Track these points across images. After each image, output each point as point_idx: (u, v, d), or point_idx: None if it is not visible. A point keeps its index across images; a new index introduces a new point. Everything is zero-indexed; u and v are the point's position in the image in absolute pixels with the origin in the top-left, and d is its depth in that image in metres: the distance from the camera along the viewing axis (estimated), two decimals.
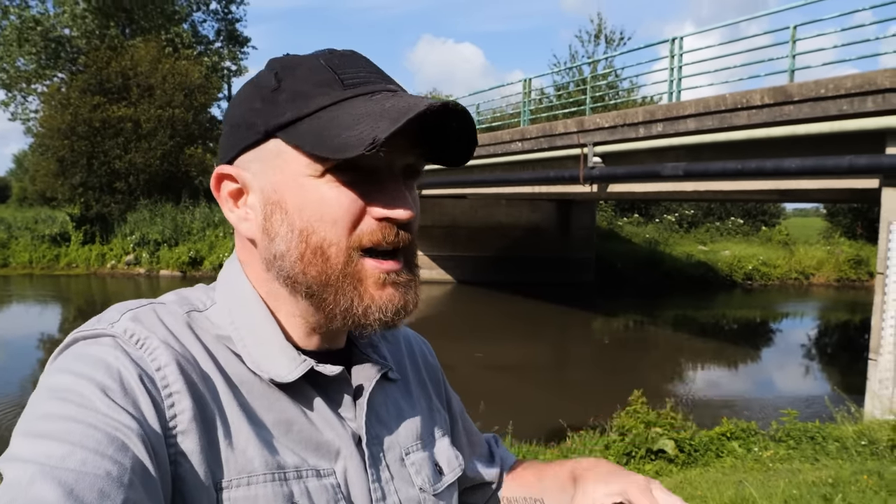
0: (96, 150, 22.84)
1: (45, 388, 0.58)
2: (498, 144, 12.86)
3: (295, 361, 0.67)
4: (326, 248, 0.65)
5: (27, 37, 25.16)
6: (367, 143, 0.59)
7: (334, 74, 0.65)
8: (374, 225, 0.66)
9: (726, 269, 22.87)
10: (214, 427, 0.61)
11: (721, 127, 7.97)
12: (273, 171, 0.66)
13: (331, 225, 0.65)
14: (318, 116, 0.63)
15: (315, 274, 0.66)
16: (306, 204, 0.65)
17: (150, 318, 0.64)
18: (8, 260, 22.83)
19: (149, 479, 0.54)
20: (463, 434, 0.93)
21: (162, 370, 0.60)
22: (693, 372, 11.67)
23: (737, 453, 5.29)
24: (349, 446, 0.69)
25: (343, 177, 0.64)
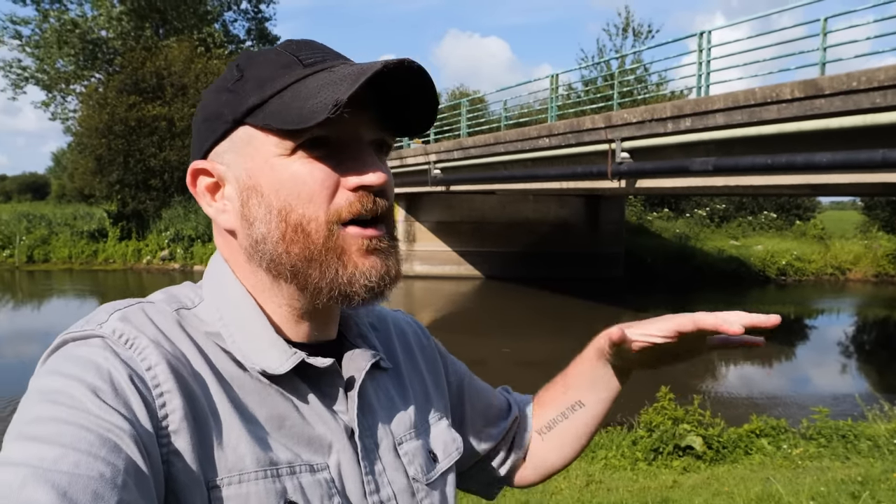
0: (132, 148, 23.34)
1: (35, 390, 0.57)
2: (525, 140, 12.85)
3: (286, 354, 0.67)
4: (306, 224, 0.66)
5: (66, 39, 25.76)
6: (329, 106, 0.60)
7: (293, 57, 0.67)
8: (351, 196, 0.66)
9: (759, 264, 22.52)
10: (206, 425, 0.61)
11: (751, 121, 7.88)
12: (245, 158, 0.67)
13: (307, 201, 0.65)
14: (281, 95, 0.65)
15: (298, 251, 0.66)
16: (281, 183, 0.65)
17: (138, 317, 0.64)
18: (49, 255, 23.50)
19: (142, 479, 0.54)
20: (468, 405, 0.94)
21: (152, 369, 0.60)
22: (723, 369, 11.56)
23: (766, 450, 5.27)
24: (342, 439, 0.69)
25: (313, 152, 0.65)
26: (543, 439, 0.98)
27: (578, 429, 0.94)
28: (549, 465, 0.99)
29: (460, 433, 0.88)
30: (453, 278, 19.96)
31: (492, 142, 14.15)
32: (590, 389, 0.92)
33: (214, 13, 29.19)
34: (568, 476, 4.83)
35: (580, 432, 0.95)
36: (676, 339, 0.79)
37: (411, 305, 17.38)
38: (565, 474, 4.90)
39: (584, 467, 5.05)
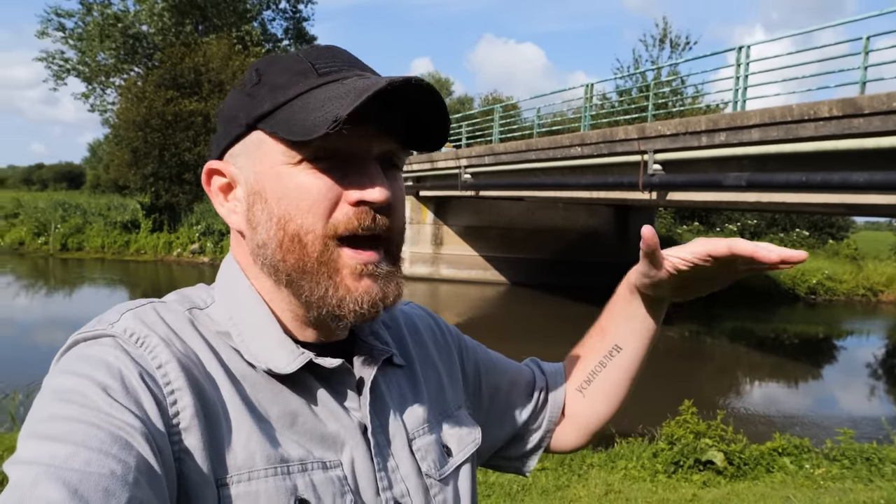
0: (168, 142, 23.79)
1: (48, 389, 0.58)
2: (557, 148, 12.86)
3: (293, 354, 0.68)
4: (303, 235, 0.66)
5: (108, 33, 26.35)
6: (329, 121, 0.60)
7: (309, 65, 0.67)
8: (350, 211, 0.66)
9: (789, 282, 22.19)
10: (217, 423, 0.62)
11: (787, 138, 7.81)
12: (255, 162, 0.68)
13: (307, 212, 0.65)
14: (292, 104, 0.65)
15: (293, 261, 0.67)
16: (284, 192, 0.66)
17: (150, 316, 0.65)
18: (82, 244, 24.01)
19: (154, 476, 0.54)
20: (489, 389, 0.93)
21: (163, 367, 0.61)
22: (748, 385, 11.44)
23: (787, 469, 5.23)
24: (354, 436, 0.69)
25: (319, 164, 0.66)
26: (585, 395, 0.96)
27: (619, 375, 0.93)
28: (592, 422, 0.97)
29: (483, 419, 0.89)
30: (479, 283, 19.99)
31: (523, 148, 14.18)
32: (626, 328, 0.91)
33: (253, 12, 29.66)
34: (587, 484, 4.85)
35: (621, 378, 0.93)
36: (709, 262, 0.79)
37: (436, 308, 17.44)
38: (584, 482, 4.92)
39: (604, 476, 5.06)
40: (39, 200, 28.36)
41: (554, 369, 1.02)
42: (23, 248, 24.16)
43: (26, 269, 20.86)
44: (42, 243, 24.08)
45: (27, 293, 16.93)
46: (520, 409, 0.96)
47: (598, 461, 5.40)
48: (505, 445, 0.97)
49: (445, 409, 0.83)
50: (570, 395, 0.98)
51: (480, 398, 0.92)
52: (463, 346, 0.93)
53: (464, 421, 0.84)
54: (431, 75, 48.44)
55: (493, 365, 0.96)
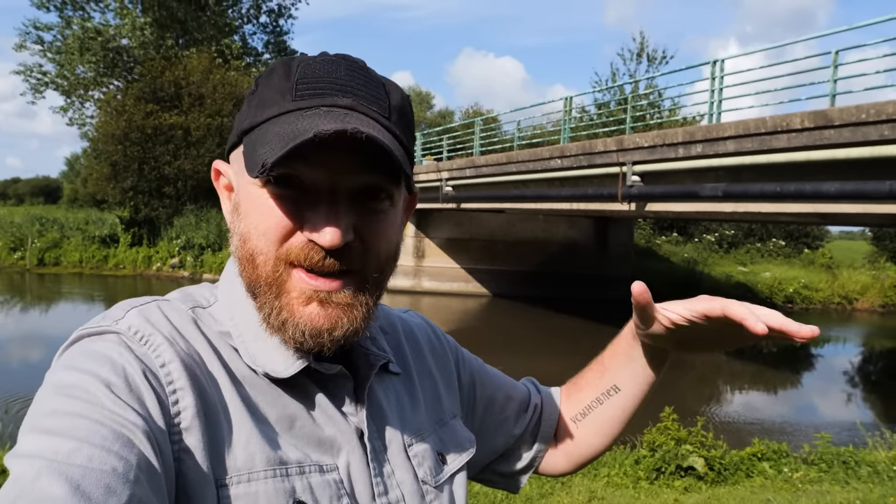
0: (147, 155, 23.62)
1: (50, 384, 0.58)
2: (537, 161, 12.99)
3: (291, 358, 0.68)
4: (256, 255, 0.65)
5: (88, 46, 26.17)
6: (258, 167, 0.60)
7: (292, 84, 0.65)
8: (303, 242, 0.64)
9: (766, 291, 22.51)
10: (217, 423, 0.62)
11: (761, 149, 7.99)
12: (240, 173, 0.68)
13: (260, 235, 0.65)
14: (263, 127, 0.64)
15: (247, 278, 0.67)
16: (248, 211, 0.66)
17: (154, 314, 0.66)
18: (60, 259, 23.69)
19: (154, 475, 0.54)
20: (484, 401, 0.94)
21: (166, 366, 0.61)
22: (728, 393, 11.59)
23: (767, 473, 5.33)
24: (351, 441, 0.70)
25: (280, 191, 0.64)
26: (578, 426, 0.97)
27: (614, 415, 0.93)
28: (584, 452, 0.98)
29: (477, 430, 0.89)
30: (461, 295, 20.04)
31: (504, 161, 14.29)
32: (626, 371, 0.91)
33: (233, 26, 29.64)
34: (570, 492, 4.90)
35: (616, 418, 0.94)
36: (704, 321, 0.77)
37: None
38: (567, 490, 4.97)
39: (587, 484, 5.12)
40: (15, 215, 27.98)
41: (549, 391, 1.02)
42: None
43: (2, 284, 20.55)
44: (18, 258, 23.74)
45: (1, 309, 16.68)
46: (514, 423, 0.96)
47: (582, 469, 5.45)
48: (497, 460, 0.97)
49: (441, 417, 0.83)
50: (566, 423, 0.98)
51: (475, 409, 0.93)
52: (460, 357, 0.94)
53: (459, 430, 0.84)
54: (412, 88, 48.64)
55: (489, 378, 0.97)
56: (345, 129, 0.58)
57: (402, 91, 0.71)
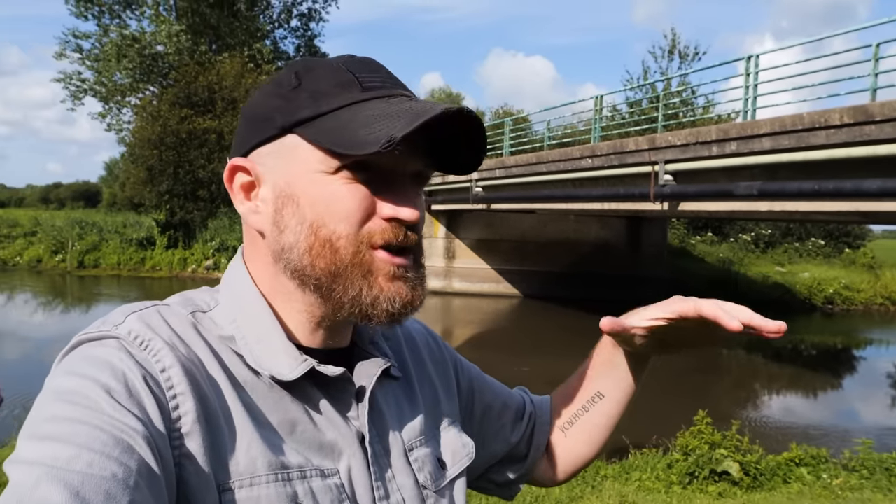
0: (182, 159, 24.03)
1: (50, 390, 0.58)
2: (568, 160, 12.87)
3: (296, 361, 0.68)
4: (335, 240, 0.66)
5: (125, 53, 26.72)
6: (382, 141, 0.61)
7: (353, 77, 0.67)
8: (384, 224, 0.67)
9: (805, 291, 22.00)
10: (218, 428, 0.62)
11: (798, 146, 7.79)
12: (287, 166, 0.67)
13: (341, 220, 0.66)
14: (336, 115, 0.65)
15: (324, 266, 0.66)
16: (318, 198, 0.66)
17: (154, 319, 0.65)
18: (99, 261, 24.25)
19: (154, 480, 0.54)
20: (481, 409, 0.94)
21: (166, 371, 0.61)
22: (765, 396, 11.33)
23: (805, 480, 5.18)
24: (352, 445, 0.70)
25: (355, 175, 0.66)
26: (566, 435, 0.98)
27: (600, 422, 0.95)
28: (574, 461, 0.99)
29: (474, 437, 0.89)
30: (492, 296, 19.97)
31: (534, 161, 14.20)
32: (608, 378, 0.93)
33: (265, 30, 30.00)
34: (601, 496, 4.81)
35: (601, 425, 0.95)
36: (680, 321, 0.80)
37: (449, 321, 17.43)
38: (598, 493, 4.89)
39: (618, 488, 5.03)
40: (57, 219, 28.68)
41: (541, 400, 1.03)
42: (41, 265, 24.46)
43: (44, 286, 21.11)
44: (59, 261, 24.35)
45: (44, 310, 17.12)
46: (510, 431, 0.97)
47: (613, 472, 5.37)
48: (493, 468, 0.98)
49: (441, 422, 0.83)
50: (555, 432, 1.00)
51: (473, 415, 0.93)
52: (458, 364, 0.94)
53: (459, 435, 0.84)
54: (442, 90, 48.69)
55: (487, 385, 0.97)
56: (461, 110, 0.64)
57: None
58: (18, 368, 10.27)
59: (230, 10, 28.02)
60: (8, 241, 26.20)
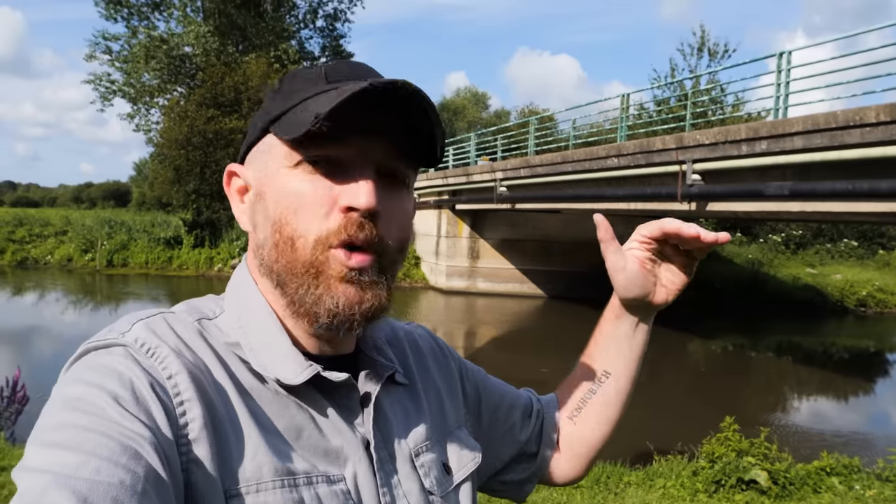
0: (209, 159, 24.25)
1: (58, 398, 0.58)
2: (593, 160, 12.72)
3: (301, 366, 0.68)
4: (296, 238, 0.67)
5: (153, 54, 27.07)
6: (310, 119, 0.62)
7: (322, 73, 0.69)
8: (342, 219, 0.66)
9: (837, 294, 21.48)
10: (225, 434, 0.62)
11: (831, 145, 7.57)
12: (263, 165, 0.70)
13: (300, 216, 0.66)
14: (296, 108, 0.67)
15: (284, 262, 0.68)
16: (281, 194, 0.67)
17: (160, 327, 0.66)
18: (127, 260, 24.57)
19: (162, 486, 0.54)
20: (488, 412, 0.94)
21: (173, 378, 0.61)
22: (794, 401, 11.06)
23: (836, 490, 5.00)
24: (357, 451, 0.70)
25: (316, 168, 0.67)
26: (576, 423, 0.97)
27: (610, 400, 0.95)
28: (586, 448, 0.98)
29: (483, 440, 0.89)
30: (517, 296, 19.83)
31: (559, 160, 14.06)
32: (613, 351, 0.94)
33: (290, 31, 30.16)
34: (624, 503, 4.70)
35: (612, 402, 0.95)
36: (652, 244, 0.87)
37: (473, 322, 17.35)
38: (621, 501, 4.77)
39: (642, 495, 4.91)
40: (87, 218, 29.12)
41: (548, 398, 1.03)
42: (71, 264, 24.83)
43: (74, 284, 21.43)
44: (89, 259, 24.71)
45: (75, 308, 17.38)
46: (519, 430, 0.97)
47: (636, 479, 5.24)
48: (503, 469, 0.97)
49: (446, 428, 0.83)
50: (564, 425, 0.99)
51: (480, 419, 0.93)
52: (463, 369, 0.94)
53: (464, 440, 0.84)
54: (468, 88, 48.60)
55: (493, 388, 0.97)
56: (395, 81, 0.62)
57: None
58: (50, 366, 10.43)
59: (256, 11, 28.21)
60: (39, 240, 26.60)
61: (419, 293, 20.07)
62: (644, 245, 0.88)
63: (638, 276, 0.88)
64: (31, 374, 9.43)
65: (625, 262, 0.89)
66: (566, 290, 19.72)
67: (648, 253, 0.88)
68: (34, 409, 5.85)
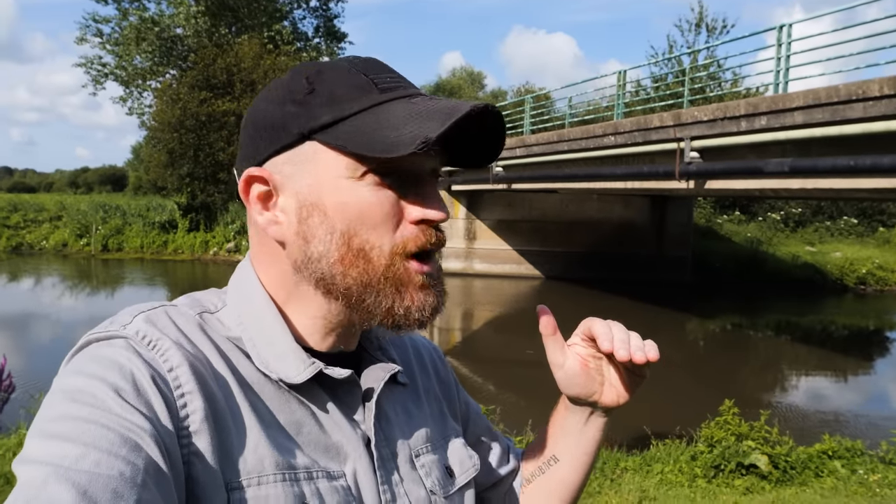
0: (202, 142, 23.99)
1: (58, 389, 0.58)
2: (590, 138, 12.52)
3: (304, 363, 0.67)
4: (369, 250, 0.66)
5: (144, 36, 26.69)
6: (418, 142, 0.60)
7: (367, 79, 0.66)
8: (415, 229, 0.67)
9: (836, 272, 21.38)
10: (226, 427, 0.62)
11: (833, 120, 7.39)
12: (309, 174, 0.66)
13: (372, 228, 0.65)
14: (358, 118, 0.64)
15: (356, 275, 0.66)
16: (347, 206, 0.65)
17: (162, 319, 0.65)
18: (122, 245, 24.43)
19: (162, 479, 0.54)
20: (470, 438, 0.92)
21: (174, 371, 0.61)
22: (794, 382, 10.96)
23: (839, 474, 4.89)
24: (358, 448, 0.69)
25: (381, 179, 0.65)
26: (524, 493, 0.93)
27: (553, 487, 0.90)
28: None
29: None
30: (513, 277, 19.71)
31: (555, 139, 13.86)
32: (562, 441, 0.88)
33: (283, 11, 29.73)
34: (620, 491, 4.58)
35: (557, 489, 0.89)
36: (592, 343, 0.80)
37: (470, 303, 17.24)
38: (617, 487, 4.66)
39: (639, 481, 4.79)
40: (81, 203, 28.89)
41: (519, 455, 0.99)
42: (66, 249, 24.67)
43: (70, 270, 21.28)
44: (84, 244, 24.55)
45: (71, 293, 17.26)
46: (497, 464, 0.93)
47: (633, 465, 5.13)
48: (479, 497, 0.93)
49: (447, 433, 0.83)
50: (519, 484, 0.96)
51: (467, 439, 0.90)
52: (461, 394, 0.94)
53: (464, 447, 0.83)
54: (464, 68, 48.07)
55: (480, 417, 0.96)
56: (487, 107, 0.63)
57: None
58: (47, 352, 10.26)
59: None
60: (34, 226, 26.40)
61: None
62: (586, 342, 0.81)
63: (577, 374, 0.81)
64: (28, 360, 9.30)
65: (564, 358, 0.82)
66: (563, 270, 19.61)
67: (592, 350, 0.81)
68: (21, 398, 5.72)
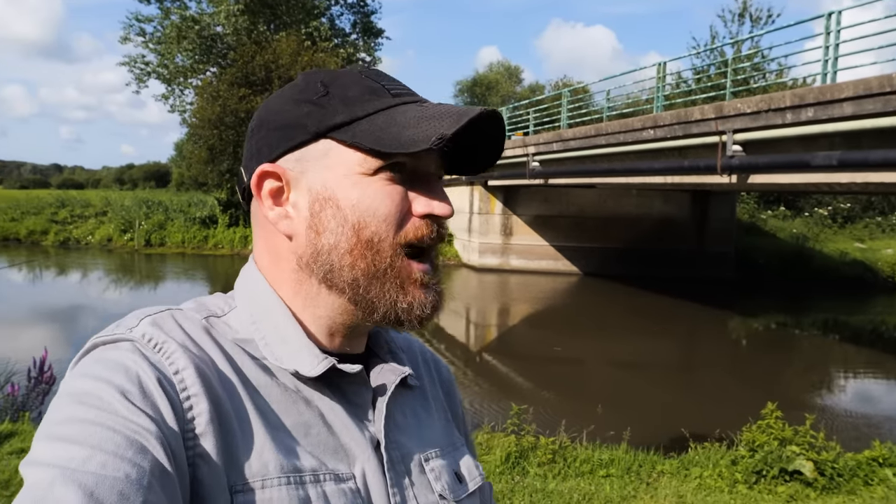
0: (241, 139, 24.22)
1: (65, 392, 0.59)
2: (628, 132, 12.26)
3: (318, 358, 0.68)
4: (377, 242, 0.68)
5: (185, 35, 27.13)
6: (434, 137, 0.63)
7: (379, 84, 0.70)
8: (418, 222, 0.69)
9: (888, 269, 20.62)
10: (232, 430, 0.62)
11: (885, 111, 7.07)
12: (322, 169, 0.69)
13: (382, 220, 0.68)
14: (373, 118, 0.67)
15: (364, 266, 0.68)
16: (360, 200, 0.68)
17: (168, 323, 0.66)
18: (164, 240, 24.92)
19: (168, 481, 0.54)
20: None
21: (180, 373, 0.61)
22: (841, 384, 10.57)
23: (890, 483, 4.65)
24: (367, 450, 0.69)
25: (393, 175, 0.68)
26: None
27: None
28: None
29: None
30: (550, 273, 19.50)
31: (592, 133, 13.63)
32: None
33: (321, 8, 29.90)
34: (656, 495, 4.43)
35: None
36: None
37: (506, 299, 17.11)
38: (653, 492, 4.51)
39: (676, 486, 4.63)
40: (126, 199, 29.55)
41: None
42: (111, 244, 25.26)
43: (114, 264, 21.79)
44: (128, 239, 25.10)
45: (116, 287, 17.66)
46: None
47: (670, 468, 4.96)
48: None
49: (454, 441, 0.83)
50: None
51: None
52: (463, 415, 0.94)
53: (470, 456, 0.83)
54: (501, 63, 47.78)
55: (472, 445, 0.93)
56: (494, 111, 0.68)
57: None
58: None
59: None
60: (81, 221, 27.08)
61: (452, 271, 19.87)
62: None
63: None
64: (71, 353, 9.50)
65: None
66: (600, 266, 19.31)
67: None
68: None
